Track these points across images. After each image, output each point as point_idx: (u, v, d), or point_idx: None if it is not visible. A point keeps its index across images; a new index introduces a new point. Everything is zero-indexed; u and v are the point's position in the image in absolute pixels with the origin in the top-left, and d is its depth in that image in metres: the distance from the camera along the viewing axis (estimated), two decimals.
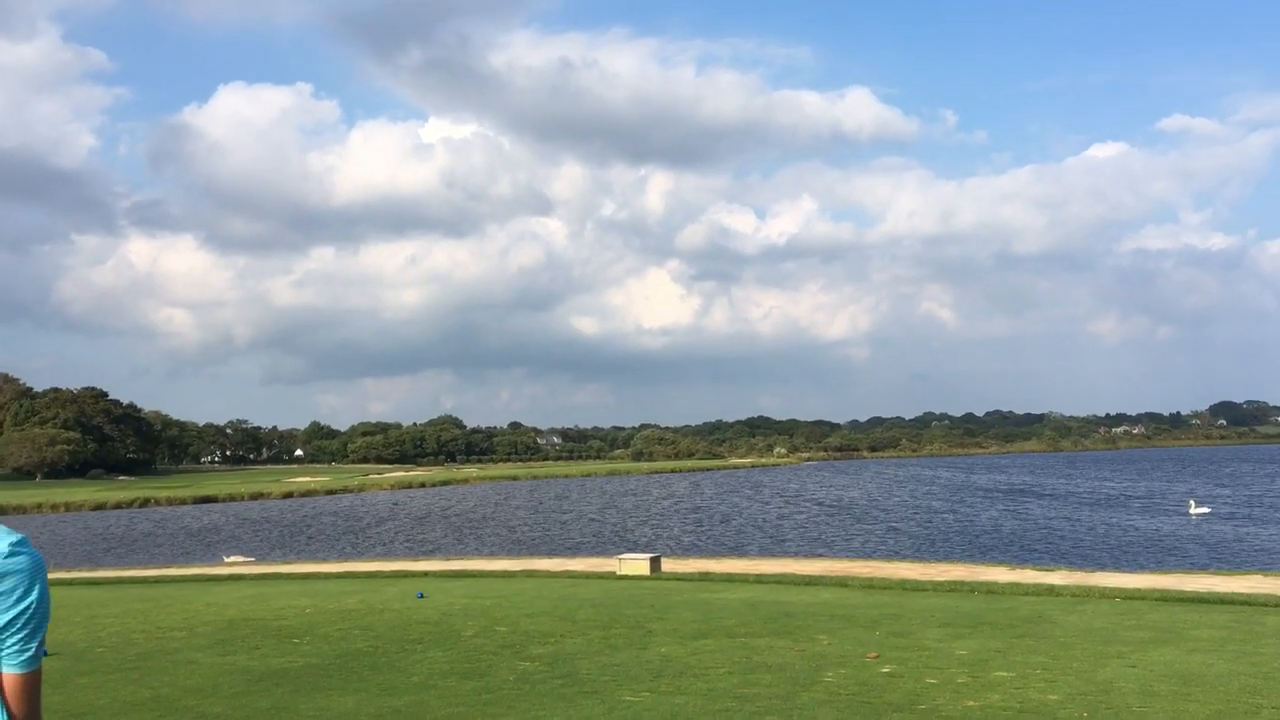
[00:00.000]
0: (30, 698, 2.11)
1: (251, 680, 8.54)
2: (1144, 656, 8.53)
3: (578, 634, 10.41)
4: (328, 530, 50.51)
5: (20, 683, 2.10)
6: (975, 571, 16.31)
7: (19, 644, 2.10)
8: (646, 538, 39.49)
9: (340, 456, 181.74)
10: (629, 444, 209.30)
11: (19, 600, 2.08)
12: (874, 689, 7.58)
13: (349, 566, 21.88)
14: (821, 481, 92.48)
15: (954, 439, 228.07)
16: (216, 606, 13.55)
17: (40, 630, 2.12)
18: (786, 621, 10.91)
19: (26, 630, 2.10)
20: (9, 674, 2.09)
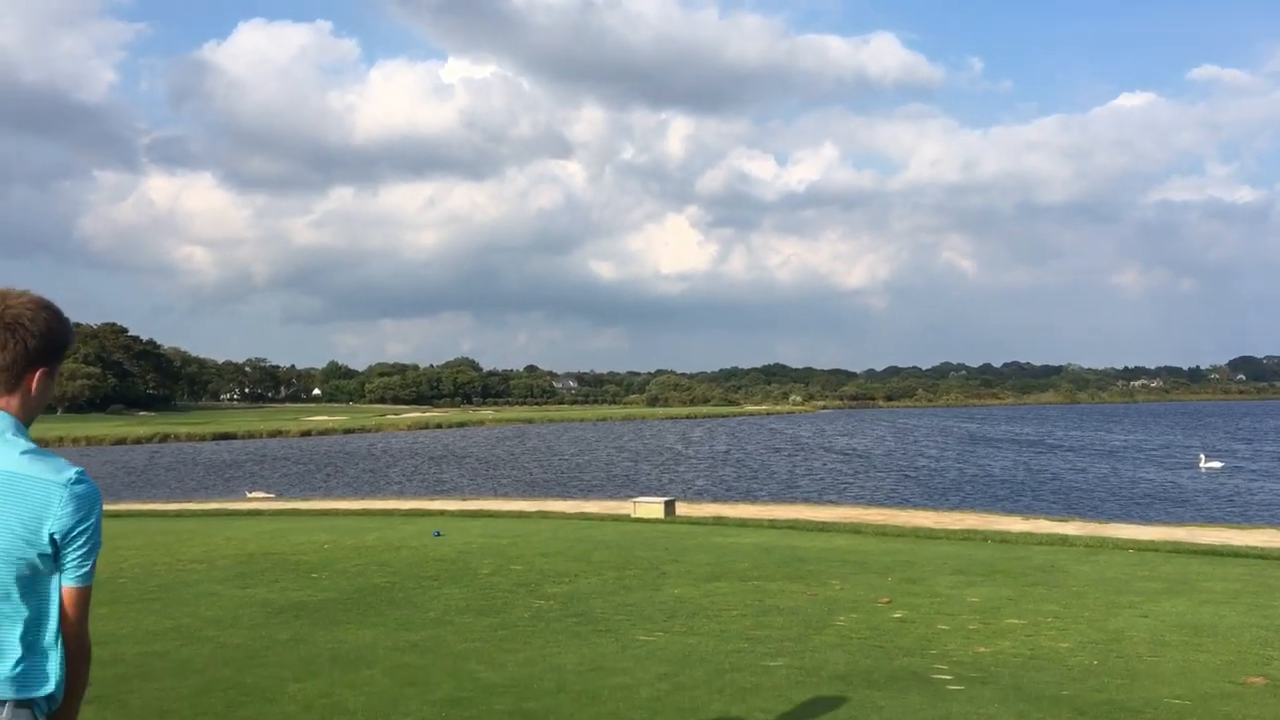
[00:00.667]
0: (83, 611, 2.43)
1: (271, 613, 8.68)
2: (1156, 607, 8.58)
3: (592, 574, 10.51)
4: (345, 468, 51.01)
5: (76, 595, 2.41)
6: (989, 521, 16.37)
7: (78, 561, 2.40)
8: (660, 482, 39.73)
9: (357, 396, 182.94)
10: (645, 389, 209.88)
11: (81, 521, 2.37)
12: (885, 633, 7.65)
13: (367, 504, 22.12)
14: (836, 430, 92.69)
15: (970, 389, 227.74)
16: (236, 541, 13.73)
17: (95, 550, 2.43)
18: (799, 566, 10.99)
19: (86, 549, 2.40)
20: (68, 587, 2.40)
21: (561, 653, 7.08)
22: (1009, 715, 5.56)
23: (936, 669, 6.58)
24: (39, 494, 2.34)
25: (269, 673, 6.58)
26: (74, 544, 2.38)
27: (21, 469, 2.35)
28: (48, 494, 2.35)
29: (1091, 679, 6.32)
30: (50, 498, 2.35)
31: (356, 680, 6.41)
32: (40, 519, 2.33)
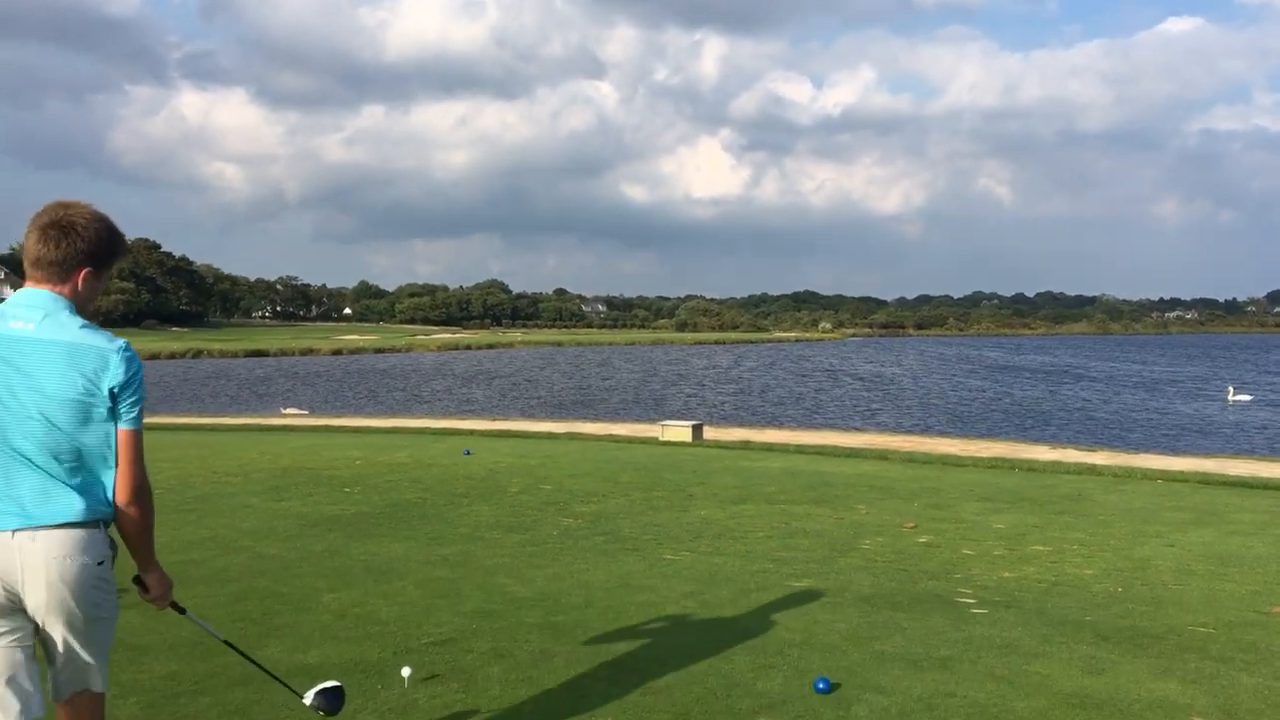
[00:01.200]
0: (137, 452, 3.05)
1: (305, 525, 8.85)
2: (1183, 537, 8.59)
3: (620, 495, 10.63)
4: (377, 388, 51.50)
5: (130, 437, 3.04)
6: (1017, 449, 16.37)
7: (129, 407, 3.03)
8: (688, 406, 39.89)
9: (388, 316, 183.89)
10: (673, 314, 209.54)
11: (132, 377, 3.02)
12: (910, 557, 7.72)
13: (398, 422, 22.37)
14: (865, 357, 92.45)
15: (1002, 319, 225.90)
16: (270, 455, 13.95)
17: (142, 402, 3.07)
18: (825, 491, 11.06)
19: (135, 398, 3.04)
20: (123, 430, 3.03)
21: (589, 569, 7.19)
22: (1031, 639, 5.62)
23: (960, 593, 6.64)
24: (97, 357, 2.98)
25: (304, 582, 6.73)
26: (126, 394, 3.01)
27: (81, 339, 2.98)
28: (105, 357, 2.99)
29: (1115, 605, 6.36)
30: (107, 359, 2.99)
31: (389, 591, 6.55)
32: (100, 376, 2.97)
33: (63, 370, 2.95)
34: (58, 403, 2.93)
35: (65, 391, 2.93)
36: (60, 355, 2.95)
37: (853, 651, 5.36)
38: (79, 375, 2.95)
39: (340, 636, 5.53)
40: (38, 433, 2.92)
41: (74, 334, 2.99)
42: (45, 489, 2.93)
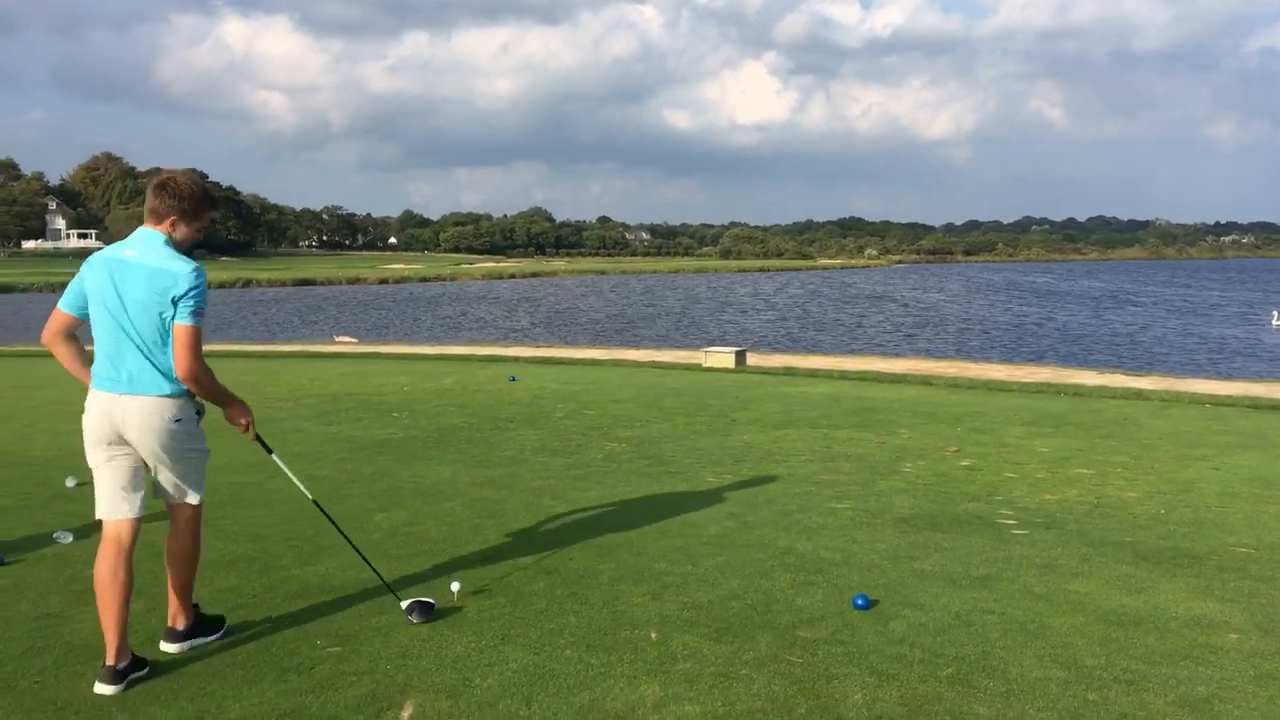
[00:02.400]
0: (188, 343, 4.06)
1: (355, 448, 9.04)
2: (1228, 460, 8.54)
3: (663, 420, 10.72)
4: (422, 315, 51.92)
5: (182, 331, 4.06)
6: (1063, 375, 16.24)
7: (184, 307, 4.06)
8: (731, 333, 39.87)
9: (432, 245, 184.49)
10: (717, 242, 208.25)
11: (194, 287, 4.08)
12: (952, 480, 7.76)
13: (444, 349, 22.60)
14: (911, 284, 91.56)
15: (1052, 244, 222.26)
16: (320, 381, 14.19)
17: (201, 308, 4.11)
18: (868, 415, 11.08)
19: (194, 301, 4.08)
20: (178, 324, 4.06)
21: (632, 491, 7.32)
22: (1071, 558, 5.66)
23: (1001, 514, 6.68)
24: (169, 276, 4.04)
25: (355, 503, 6.91)
26: (187, 298, 4.05)
27: (162, 264, 4.06)
28: (175, 276, 4.04)
29: (1157, 527, 6.38)
30: (176, 278, 4.04)
31: (438, 512, 6.72)
32: (168, 290, 4.03)
33: (145, 285, 4.03)
34: (141, 307, 4.03)
35: (145, 300, 4.03)
36: (144, 275, 4.04)
37: (891, 570, 5.44)
38: (154, 290, 4.02)
39: (391, 554, 5.69)
40: (135, 328, 4.04)
41: (158, 260, 4.07)
42: (140, 367, 4.06)
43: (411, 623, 4.60)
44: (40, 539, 6.04)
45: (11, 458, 8.62)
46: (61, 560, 5.63)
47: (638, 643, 4.41)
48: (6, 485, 7.54)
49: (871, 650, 4.33)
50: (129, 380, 4.05)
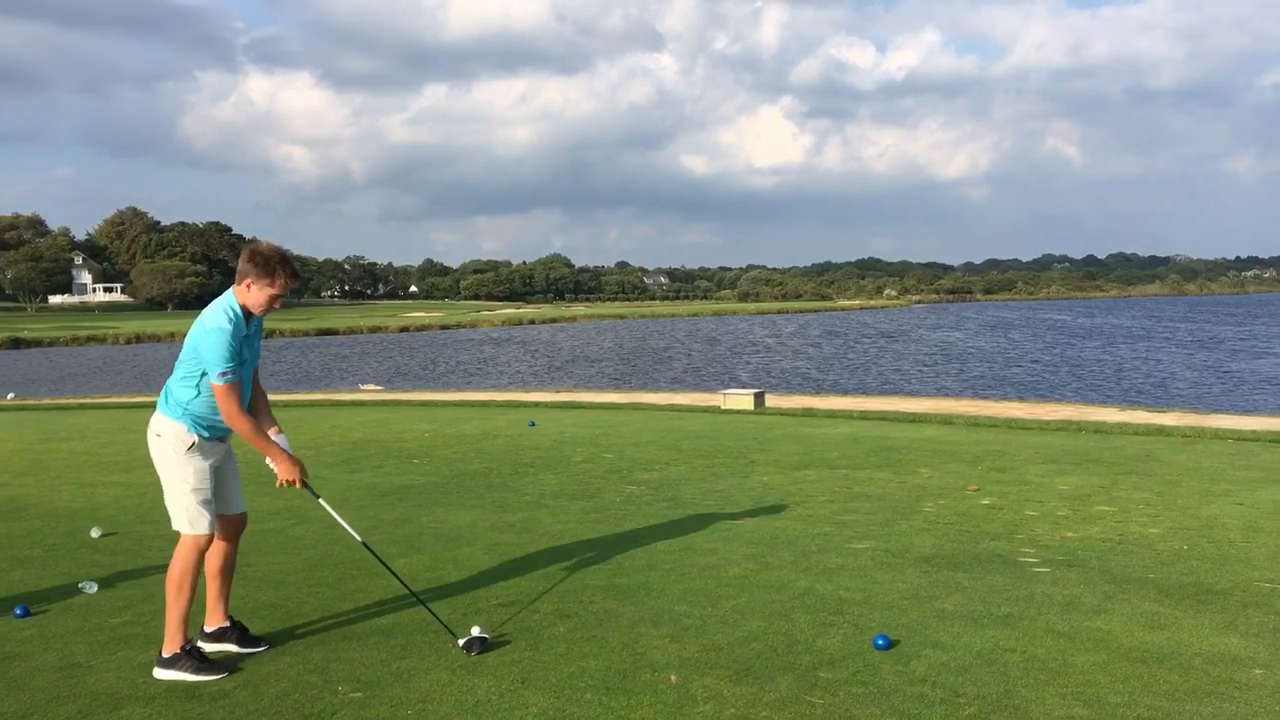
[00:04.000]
0: (222, 403, 4.62)
1: (377, 495, 9.09)
2: (1252, 495, 8.48)
3: (682, 462, 10.74)
4: (442, 362, 52.16)
5: (215, 390, 4.64)
6: (1084, 412, 16.16)
7: (210, 364, 4.60)
8: (750, 375, 39.86)
9: (452, 293, 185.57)
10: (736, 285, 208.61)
11: (204, 339, 4.63)
12: (973, 519, 7.73)
13: (464, 395, 22.69)
14: (930, 324, 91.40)
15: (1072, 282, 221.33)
16: (342, 429, 14.29)
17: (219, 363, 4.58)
18: (888, 455, 11.06)
19: (210, 356, 4.59)
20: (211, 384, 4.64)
21: (651, 534, 7.32)
22: (1093, 596, 5.63)
23: (1023, 552, 6.66)
24: (200, 325, 4.65)
25: (377, 549, 6.93)
26: (206, 356, 4.59)
27: (203, 316, 4.66)
28: (199, 327, 4.64)
29: (1180, 563, 6.34)
30: (199, 329, 4.63)
31: (458, 556, 6.74)
32: (196, 339, 4.63)
33: (191, 331, 4.70)
34: (184, 347, 4.72)
35: (186, 343, 4.70)
36: (196, 322, 4.70)
37: (912, 610, 5.43)
38: (192, 335, 4.67)
39: (413, 599, 5.72)
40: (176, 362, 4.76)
41: (204, 312, 4.69)
42: (164, 391, 4.80)
43: (470, 655, 4.77)
44: (66, 589, 6.10)
45: (39, 509, 8.71)
46: (87, 610, 5.68)
47: (658, 685, 4.41)
48: (33, 536, 7.62)
49: (893, 690, 4.32)
50: (160, 399, 4.85)
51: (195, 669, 4.53)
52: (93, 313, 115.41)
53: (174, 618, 4.62)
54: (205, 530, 4.71)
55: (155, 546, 7.18)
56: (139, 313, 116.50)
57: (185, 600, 4.64)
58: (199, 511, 4.71)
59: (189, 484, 4.70)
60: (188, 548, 4.70)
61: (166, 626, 4.63)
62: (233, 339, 4.60)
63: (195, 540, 4.70)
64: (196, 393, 4.69)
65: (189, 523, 4.70)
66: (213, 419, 4.75)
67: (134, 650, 4.98)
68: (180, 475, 4.71)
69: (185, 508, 4.71)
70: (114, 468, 10.95)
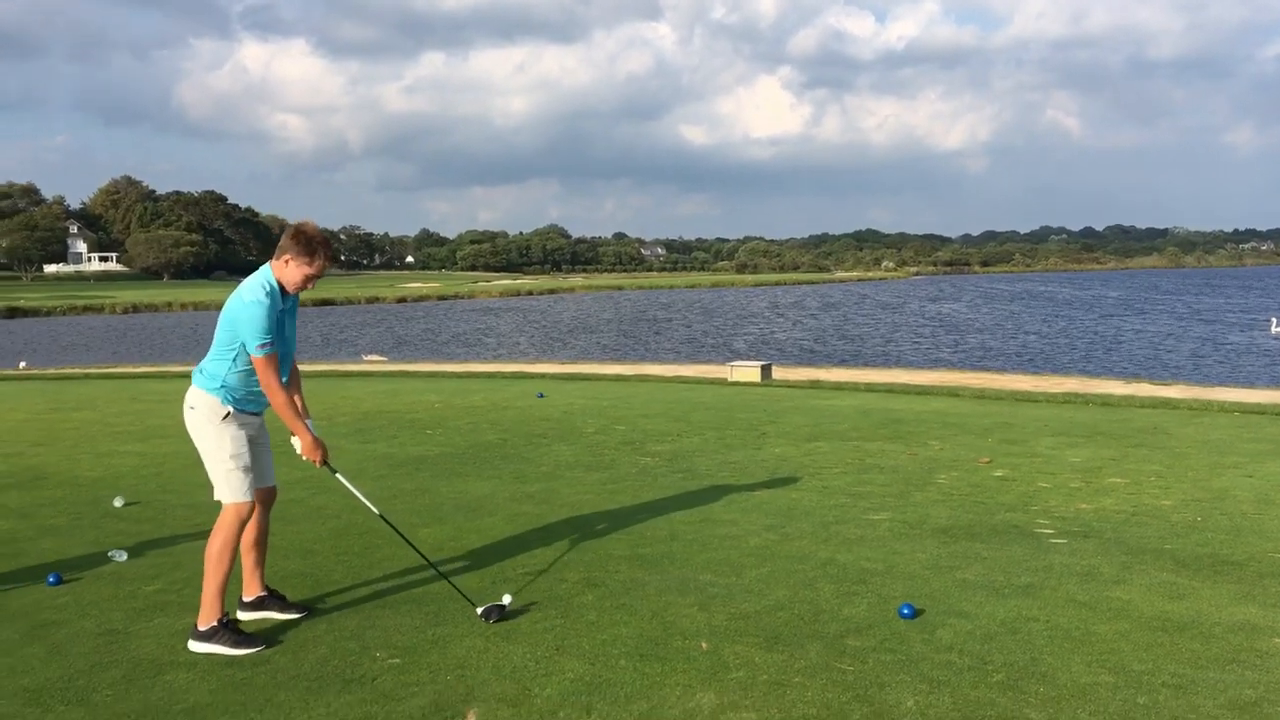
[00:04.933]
0: (261, 374, 4.71)
1: (393, 465, 9.16)
2: (1261, 468, 8.57)
3: (694, 434, 10.81)
4: (443, 332, 52.18)
5: (254, 363, 4.71)
6: (1090, 384, 16.25)
7: (247, 337, 4.67)
8: (754, 347, 39.93)
9: (449, 264, 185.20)
10: (733, 256, 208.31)
11: (242, 311, 4.70)
12: (987, 490, 7.81)
13: (470, 367, 22.75)
14: (928, 295, 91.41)
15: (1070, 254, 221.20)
16: (352, 400, 14.34)
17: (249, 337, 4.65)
18: (898, 428, 11.14)
19: (247, 329, 4.65)
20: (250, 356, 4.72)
21: (670, 505, 7.40)
22: (1111, 566, 5.72)
23: (1038, 524, 6.74)
24: (237, 297, 4.73)
25: (398, 519, 6.98)
26: (244, 329, 4.67)
27: (240, 290, 4.75)
28: (236, 303, 4.72)
29: (1194, 534, 6.43)
30: (238, 304, 4.71)
31: (481, 526, 6.82)
32: (233, 312, 4.72)
33: (227, 304, 4.80)
34: (219, 320, 4.81)
35: (221, 317, 4.80)
36: (231, 296, 4.79)
37: (934, 580, 5.51)
38: (228, 309, 4.75)
39: (440, 568, 5.79)
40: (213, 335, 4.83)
41: (241, 287, 4.77)
42: (201, 365, 4.85)
43: (488, 623, 4.84)
44: (96, 558, 6.17)
45: (59, 478, 8.77)
46: (119, 578, 5.75)
47: (690, 652, 4.49)
48: (57, 505, 7.69)
49: (921, 658, 4.41)
50: (195, 372, 4.89)
51: (232, 643, 4.58)
52: (89, 282, 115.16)
53: (211, 589, 4.67)
54: (246, 498, 4.76)
55: (179, 516, 7.27)
56: (135, 282, 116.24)
57: (224, 571, 4.69)
58: (240, 479, 4.76)
59: (227, 451, 4.75)
60: (230, 517, 4.75)
61: (203, 597, 4.67)
62: (270, 312, 4.65)
63: (238, 509, 4.75)
64: (232, 365, 4.73)
65: (230, 491, 4.74)
66: (246, 392, 4.79)
67: (170, 617, 5.06)
68: (217, 444, 4.76)
69: (226, 475, 4.75)
70: (129, 438, 11.02)
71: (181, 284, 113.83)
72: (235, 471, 4.75)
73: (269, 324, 4.64)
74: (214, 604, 4.66)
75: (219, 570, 4.69)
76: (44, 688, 4.22)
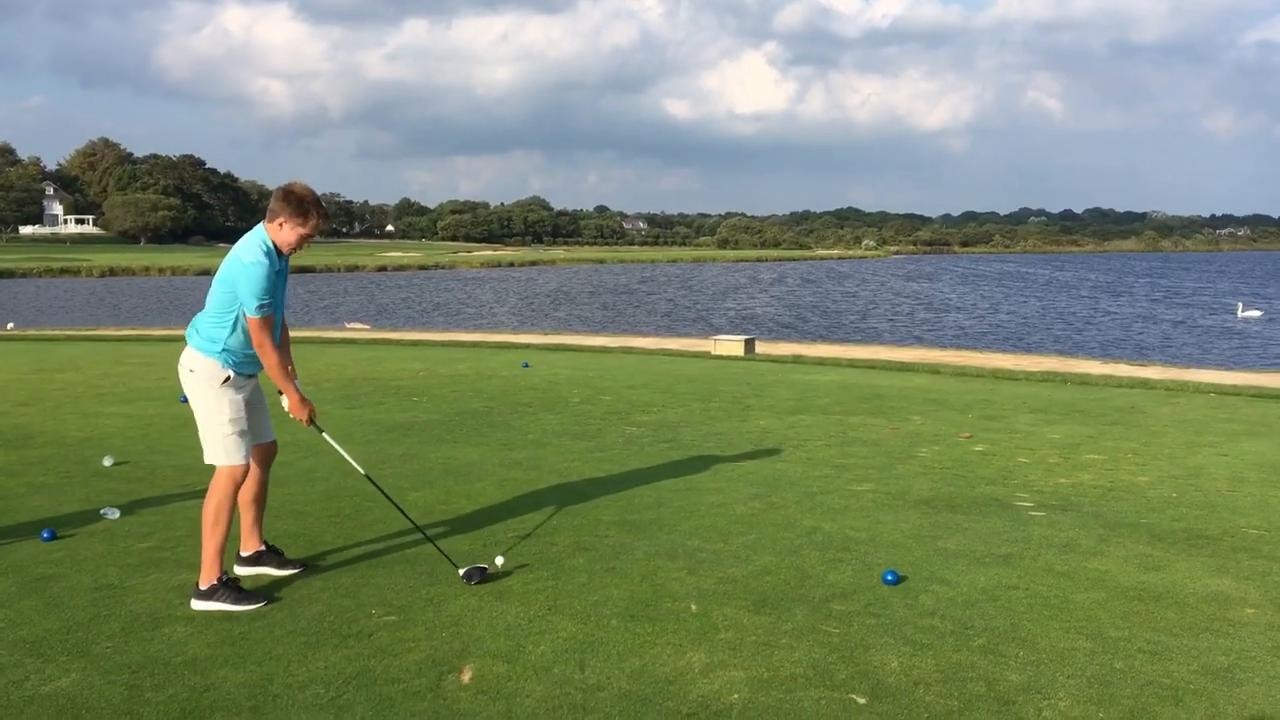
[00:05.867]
0: (254, 334, 4.73)
1: (380, 431, 9.22)
2: (1235, 447, 8.74)
3: (679, 405, 10.90)
4: (424, 302, 52.06)
5: (249, 323, 4.74)
6: (1068, 364, 16.45)
7: (245, 296, 4.71)
8: (735, 321, 40.06)
9: (430, 234, 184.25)
10: (715, 231, 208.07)
11: (241, 271, 4.72)
12: (967, 464, 7.95)
13: (454, 336, 22.76)
14: (909, 273, 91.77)
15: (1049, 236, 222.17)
16: (336, 366, 14.36)
17: (248, 297, 4.68)
18: (879, 403, 11.27)
19: (246, 288, 4.70)
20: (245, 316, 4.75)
21: (656, 473, 7.50)
22: (1089, 539, 5.86)
23: (1018, 497, 6.88)
24: (236, 259, 4.75)
25: (388, 483, 7.05)
26: (242, 288, 4.69)
27: (236, 251, 4.78)
28: (234, 264, 4.75)
29: (1170, 509, 6.58)
30: (236, 265, 4.74)
31: (470, 491, 6.90)
32: (233, 274, 4.74)
33: (222, 267, 4.82)
34: (214, 282, 4.82)
35: (217, 278, 4.82)
36: (227, 258, 4.83)
37: (916, 548, 5.63)
38: (225, 270, 4.79)
39: (430, 531, 5.87)
40: (207, 297, 4.82)
41: (238, 249, 4.80)
42: (194, 326, 4.88)
43: (470, 584, 4.90)
44: (88, 515, 6.22)
45: (47, 438, 8.79)
46: (112, 535, 5.81)
47: (679, 614, 4.60)
48: (46, 464, 7.71)
49: (904, 622, 4.53)
50: (189, 334, 4.92)
51: (234, 599, 4.65)
52: (64, 245, 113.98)
53: (210, 549, 4.73)
54: (240, 461, 4.81)
55: (168, 476, 7.31)
56: (111, 245, 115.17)
57: (221, 532, 4.75)
58: (235, 443, 4.80)
59: (225, 415, 4.78)
60: (224, 480, 4.79)
61: (203, 558, 4.72)
62: (269, 273, 4.69)
63: (231, 472, 4.80)
64: (231, 329, 4.75)
65: (225, 454, 4.78)
66: (246, 354, 4.83)
67: (165, 573, 5.12)
68: (215, 408, 4.79)
69: (221, 440, 4.79)
70: (113, 399, 11.02)
71: (159, 248, 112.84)
72: (231, 436, 4.80)
73: (267, 285, 4.68)
74: (213, 564, 4.72)
75: (216, 532, 4.74)
76: (44, 639, 4.29)
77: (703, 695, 3.79)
